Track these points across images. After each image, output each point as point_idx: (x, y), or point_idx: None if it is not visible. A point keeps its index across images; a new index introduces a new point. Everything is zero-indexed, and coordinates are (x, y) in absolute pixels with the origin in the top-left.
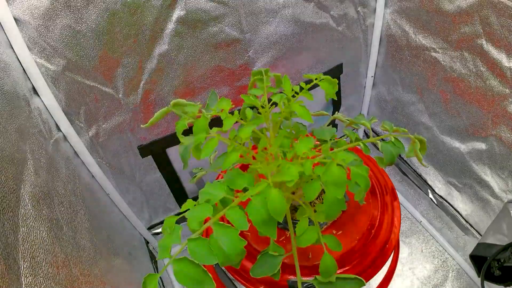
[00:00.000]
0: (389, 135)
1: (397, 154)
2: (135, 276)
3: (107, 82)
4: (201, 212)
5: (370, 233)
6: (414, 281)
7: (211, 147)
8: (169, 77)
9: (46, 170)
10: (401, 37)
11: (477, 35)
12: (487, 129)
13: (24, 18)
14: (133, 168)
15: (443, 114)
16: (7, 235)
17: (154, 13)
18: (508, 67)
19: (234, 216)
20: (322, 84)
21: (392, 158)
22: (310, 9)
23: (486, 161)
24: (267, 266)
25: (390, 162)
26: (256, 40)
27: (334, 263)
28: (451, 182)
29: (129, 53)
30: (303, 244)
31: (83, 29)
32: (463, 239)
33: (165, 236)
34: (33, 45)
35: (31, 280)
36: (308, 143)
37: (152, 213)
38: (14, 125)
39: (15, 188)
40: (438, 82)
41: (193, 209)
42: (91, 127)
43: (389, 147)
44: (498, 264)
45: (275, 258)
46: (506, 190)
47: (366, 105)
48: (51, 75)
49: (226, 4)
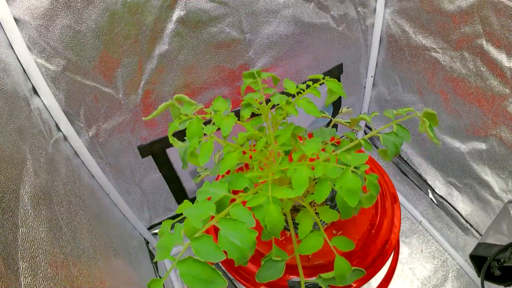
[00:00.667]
0: (393, 123)
1: (401, 143)
2: (135, 276)
3: (107, 82)
4: (203, 210)
5: (370, 233)
6: (414, 281)
7: (207, 151)
8: (169, 77)
9: (46, 170)
10: (401, 37)
11: (477, 35)
12: (487, 129)
13: (24, 18)
14: (133, 168)
15: (443, 114)
16: (6, 235)
17: (154, 13)
18: (508, 67)
19: (240, 214)
20: (329, 84)
21: (397, 150)
22: (310, 9)
23: (486, 161)
24: (271, 271)
25: (394, 153)
26: (256, 40)
27: (348, 266)
28: (451, 182)
29: (129, 53)
30: (309, 251)
31: (83, 29)
32: (463, 239)
33: (166, 236)
34: (33, 45)
35: (30, 280)
36: (317, 143)
37: (152, 213)
38: (14, 125)
39: (15, 188)
40: (438, 82)
41: (194, 207)
42: (91, 127)
43: (391, 138)
44: (498, 264)
45: (278, 263)
46: (506, 190)
47: (366, 105)
48: (51, 75)
49: (226, 4)
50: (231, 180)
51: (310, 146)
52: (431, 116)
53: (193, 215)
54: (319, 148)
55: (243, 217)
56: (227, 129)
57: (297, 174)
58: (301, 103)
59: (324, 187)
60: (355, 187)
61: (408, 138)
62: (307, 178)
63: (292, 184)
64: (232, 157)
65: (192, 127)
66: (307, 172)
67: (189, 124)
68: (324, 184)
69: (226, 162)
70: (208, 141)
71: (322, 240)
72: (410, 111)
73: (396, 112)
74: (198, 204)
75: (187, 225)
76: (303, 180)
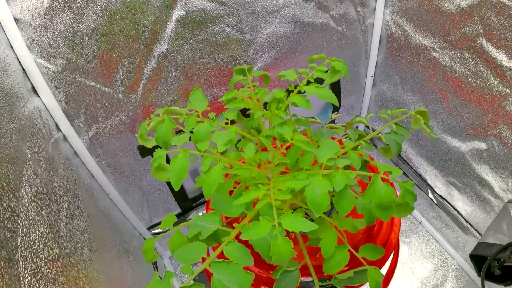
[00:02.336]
0: (390, 123)
1: (402, 140)
2: (134, 276)
3: (107, 82)
4: (193, 253)
5: (370, 233)
6: (414, 281)
7: (180, 167)
8: (169, 77)
9: (46, 170)
10: (401, 37)
11: (477, 35)
12: (487, 128)
13: (24, 18)
14: (133, 168)
15: (443, 113)
16: (7, 235)
17: (154, 13)
18: (508, 67)
19: (235, 252)
20: (334, 63)
21: (399, 147)
22: (310, 9)
23: (486, 161)
24: (287, 281)
25: (397, 151)
26: (256, 40)
27: (381, 275)
28: (451, 181)
29: (129, 53)
30: (335, 269)
31: (83, 29)
32: (463, 239)
33: (155, 283)
34: (33, 45)
35: (30, 280)
36: (334, 146)
37: (152, 213)
38: (14, 125)
39: (15, 188)
40: (438, 82)
41: (184, 249)
42: (91, 127)
43: (392, 137)
44: (498, 263)
45: (292, 272)
46: (506, 190)
47: (366, 105)
48: (51, 75)
49: (226, 4)
50: (223, 206)
51: (326, 150)
52: (423, 113)
53: (183, 259)
54: (337, 153)
55: (239, 256)
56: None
57: (313, 188)
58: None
59: (346, 198)
60: (388, 200)
61: (408, 134)
62: (326, 194)
63: (308, 202)
64: (215, 174)
65: (160, 130)
66: (325, 185)
67: (158, 125)
68: (345, 195)
69: (208, 181)
70: (180, 154)
71: (347, 254)
72: (404, 111)
73: (390, 112)
74: (188, 246)
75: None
76: (321, 197)
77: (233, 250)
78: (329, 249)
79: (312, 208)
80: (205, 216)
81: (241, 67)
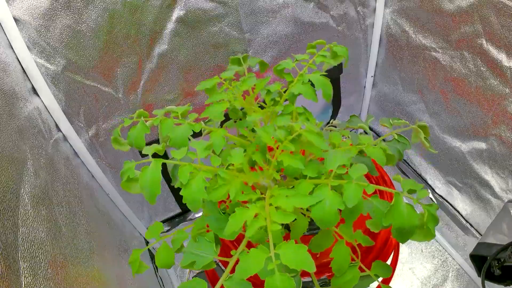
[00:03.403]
0: (392, 133)
1: (404, 149)
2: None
3: (107, 82)
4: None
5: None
6: (414, 281)
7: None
8: (168, 77)
9: (46, 170)
10: (401, 37)
11: (477, 35)
12: (487, 128)
13: (24, 18)
14: None
15: (444, 113)
16: (7, 235)
17: (154, 13)
18: (508, 66)
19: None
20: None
21: (400, 155)
22: (310, 9)
23: (486, 161)
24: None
25: (399, 158)
26: (255, 40)
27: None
28: (451, 181)
29: (129, 53)
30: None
31: (83, 29)
32: (463, 238)
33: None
34: (33, 45)
35: (31, 280)
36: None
37: (152, 213)
38: (14, 125)
39: (15, 188)
40: (438, 82)
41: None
42: (91, 127)
43: (394, 145)
44: (498, 263)
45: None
46: (506, 190)
47: (366, 105)
48: (51, 75)
49: (226, 4)
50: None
51: (336, 155)
52: (423, 128)
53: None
54: (350, 159)
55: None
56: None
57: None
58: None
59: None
60: (409, 225)
61: (409, 146)
62: (336, 213)
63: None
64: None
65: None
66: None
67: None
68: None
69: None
70: (150, 165)
71: (358, 273)
72: (406, 123)
73: (392, 121)
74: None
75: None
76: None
77: (233, 285)
78: (341, 269)
79: (319, 224)
80: (200, 243)
81: (237, 57)
